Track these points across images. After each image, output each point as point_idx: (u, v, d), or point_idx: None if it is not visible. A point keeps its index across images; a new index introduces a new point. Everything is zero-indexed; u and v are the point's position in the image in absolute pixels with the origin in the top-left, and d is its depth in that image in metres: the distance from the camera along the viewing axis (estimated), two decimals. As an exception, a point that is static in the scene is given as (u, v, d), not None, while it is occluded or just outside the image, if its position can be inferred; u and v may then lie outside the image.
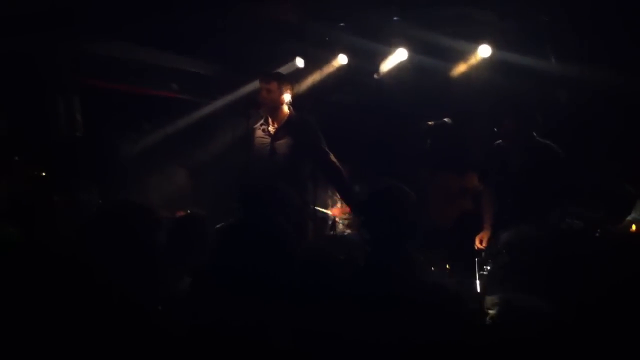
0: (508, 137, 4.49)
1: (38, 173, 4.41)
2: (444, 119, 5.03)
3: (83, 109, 5.70)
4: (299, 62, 6.50)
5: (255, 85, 5.02)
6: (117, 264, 2.23)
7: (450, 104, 5.78)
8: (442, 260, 4.97)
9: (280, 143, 4.74)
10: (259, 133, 4.82)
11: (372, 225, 2.64)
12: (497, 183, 4.66)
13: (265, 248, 2.17)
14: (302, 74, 6.58)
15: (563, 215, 4.28)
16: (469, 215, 5.50)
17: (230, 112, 6.15)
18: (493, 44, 5.81)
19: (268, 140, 4.77)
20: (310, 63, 6.58)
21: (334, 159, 4.77)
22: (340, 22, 5.87)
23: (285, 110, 4.80)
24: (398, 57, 6.24)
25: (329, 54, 6.52)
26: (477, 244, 4.54)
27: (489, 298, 4.28)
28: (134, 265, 2.28)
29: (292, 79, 5.14)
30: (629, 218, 4.55)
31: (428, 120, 5.04)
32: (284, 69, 6.21)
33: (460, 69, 6.10)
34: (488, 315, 4.21)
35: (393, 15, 5.67)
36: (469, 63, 6.02)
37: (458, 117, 5.18)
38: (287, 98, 4.78)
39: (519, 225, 4.21)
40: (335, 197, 6.39)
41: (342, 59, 6.49)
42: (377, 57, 6.37)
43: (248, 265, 2.12)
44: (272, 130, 4.79)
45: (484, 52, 5.86)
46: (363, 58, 6.41)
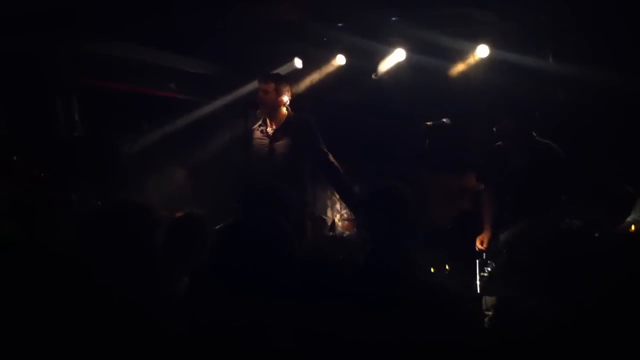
0: (507, 136, 4.48)
1: (38, 173, 4.41)
2: (443, 119, 5.03)
3: (82, 109, 5.69)
4: (298, 62, 6.49)
5: (254, 86, 5.02)
6: (116, 264, 2.23)
7: (449, 104, 5.78)
8: (441, 261, 4.97)
9: (279, 144, 4.73)
10: (258, 134, 4.82)
11: (371, 225, 2.64)
12: (497, 183, 4.66)
13: (265, 248, 2.16)
14: (300, 75, 6.57)
15: (563, 216, 4.27)
16: (469, 215, 5.50)
17: (230, 112, 6.15)
18: (492, 44, 5.81)
19: (267, 142, 4.77)
20: (309, 63, 6.57)
21: (333, 160, 4.77)
22: (339, 22, 5.87)
23: (284, 111, 4.80)
24: (397, 57, 6.24)
25: (328, 54, 6.51)
26: (477, 245, 4.54)
27: (489, 299, 4.30)
28: (133, 265, 2.28)
29: (290, 80, 5.13)
30: (629, 219, 4.55)
31: (427, 121, 5.04)
32: (283, 70, 6.20)
33: (459, 69, 6.10)
34: (487, 316, 4.22)
35: (392, 16, 5.66)
36: (468, 63, 6.02)
37: (457, 117, 5.18)
38: (285, 99, 4.77)
39: (519, 225, 4.23)
40: (335, 197, 6.39)
41: (340, 59, 6.49)
42: (375, 57, 6.37)
43: (248, 265, 2.11)
44: (270, 132, 4.79)
45: (483, 52, 5.87)
46: (362, 58, 6.40)
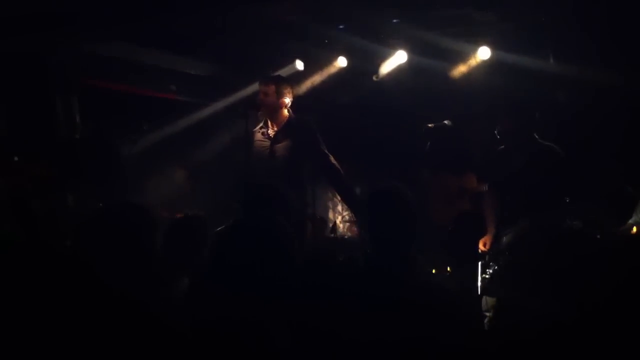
0: (507, 136, 4.47)
1: (38, 173, 4.40)
2: (444, 121, 5.02)
3: (83, 110, 5.69)
4: (299, 64, 6.49)
5: (255, 88, 5.01)
6: (116, 264, 2.23)
7: (450, 106, 5.78)
8: (443, 262, 4.96)
9: (280, 146, 4.72)
10: (259, 136, 4.81)
11: (371, 226, 2.63)
12: (498, 184, 4.65)
13: (265, 248, 2.16)
14: (302, 76, 6.57)
15: (564, 217, 4.26)
16: (469, 216, 5.49)
17: (230, 114, 6.15)
18: (492, 45, 5.81)
19: (267, 144, 4.75)
20: (310, 65, 6.57)
21: (334, 161, 4.76)
22: (340, 24, 5.87)
23: (285, 113, 4.79)
24: (398, 59, 6.24)
25: (329, 56, 6.52)
26: (480, 247, 4.52)
27: (489, 299, 4.29)
28: (133, 266, 2.27)
29: (291, 82, 5.13)
30: (631, 221, 4.54)
31: (428, 122, 5.04)
32: (284, 71, 6.20)
33: (460, 70, 6.10)
34: (488, 317, 4.22)
35: (393, 17, 5.66)
36: (469, 64, 6.02)
37: (458, 118, 5.17)
38: (286, 101, 4.76)
39: (520, 226, 4.22)
40: (336, 199, 6.39)
41: (341, 61, 6.49)
42: (377, 59, 6.37)
43: (247, 266, 2.11)
44: (271, 133, 4.77)
45: (484, 53, 5.86)
46: (363, 60, 6.40)
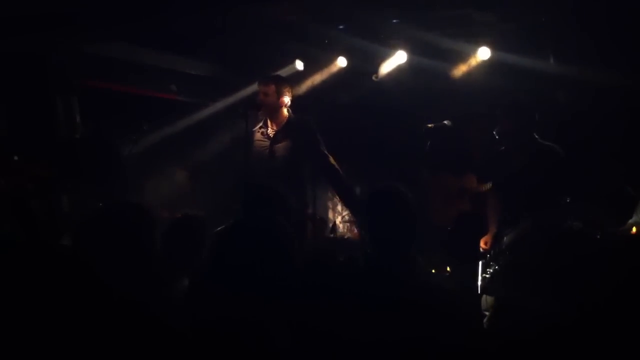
0: (506, 137, 4.47)
1: (38, 173, 4.40)
2: (444, 121, 5.02)
3: (83, 109, 5.69)
4: (299, 64, 6.49)
5: (255, 88, 5.01)
6: (116, 264, 2.23)
7: (450, 106, 5.77)
8: (443, 262, 4.97)
9: (280, 146, 4.72)
10: (258, 136, 4.81)
11: (371, 226, 2.63)
12: (499, 184, 4.65)
13: (265, 248, 2.16)
14: (302, 76, 6.57)
15: (564, 217, 4.26)
16: (469, 216, 5.49)
17: (230, 114, 6.14)
18: (493, 46, 5.80)
19: (267, 144, 4.75)
20: (310, 65, 6.57)
21: (334, 162, 4.75)
22: (340, 24, 5.86)
23: (285, 113, 4.79)
24: (398, 59, 6.24)
25: (329, 56, 6.51)
26: (481, 245, 4.53)
27: (489, 298, 4.29)
28: (133, 266, 2.28)
29: (291, 82, 5.13)
30: (631, 221, 4.54)
31: (428, 122, 5.04)
32: (284, 71, 6.19)
33: (460, 71, 6.10)
34: (487, 317, 4.21)
35: (393, 18, 5.66)
36: (469, 64, 6.02)
37: (458, 119, 5.17)
38: (286, 100, 4.76)
39: (521, 226, 4.22)
40: (336, 199, 6.39)
41: (341, 62, 6.49)
42: (376, 59, 6.36)
43: (247, 266, 2.11)
44: (271, 133, 4.77)
45: (484, 54, 5.86)
46: (363, 60, 6.40)
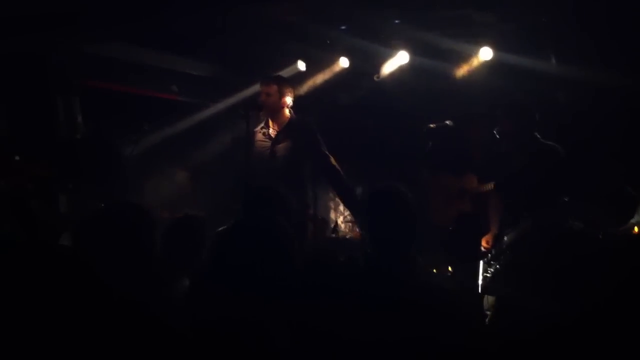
0: (507, 137, 4.46)
1: (38, 173, 4.40)
2: (446, 121, 5.01)
3: (83, 110, 5.69)
4: (301, 65, 6.48)
5: (256, 88, 5.01)
6: (116, 265, 2.23)
7: (452, 106, 5.77)
8: (443, 262, 4.96)
9: (281, 146, 4.72)
10: (260, 136, 4.80)
11: (371, 226, 2.63)
12: (500, 184, 4.65)
13: (265, 248, 2.16)
14: (303, 77, 6.56)
15: (565, 217, 4.26)
16: (470, 217, 5.49)
17: (231, 114, 6.14)
18: (493, 46, 5.79)
19: (268, 144, 4.75)
20: (312, 66, 6.56)
21: (334, 162, 4.75)
22: (342, 24, 5.86)
23: (286, 114, 4.79)
24: (399, 59, 6.23)
25: (330, 57, 6.51)
26: (483, 244, 4.52)
27: (490, 298, 4.28)
28: (133, 266, 2.27)
29: (293, 82, 5.13)
30: (632, 221, 4.54)
31: (429, 123, 5.03)
32: (286, 72, 6.18)
33: (462, 71, 6.09)
34: (488, 317, 4.21)
35: (394, 18, 5.65)
36: (470, 65, 6.01)
37: (459, 119, 5.16)
38: (288, 101, 4.76)
39: (522, 226, 4.21)
40: (337, 199, 6.38)
41: (343, 62, 6.48)
42: (378, 59, 6.36)
43: (248, 266, 2.11)
44: (272, 134, 4.77)
45: (485, 54, 5.85)
46: (364, 61, 6.39)
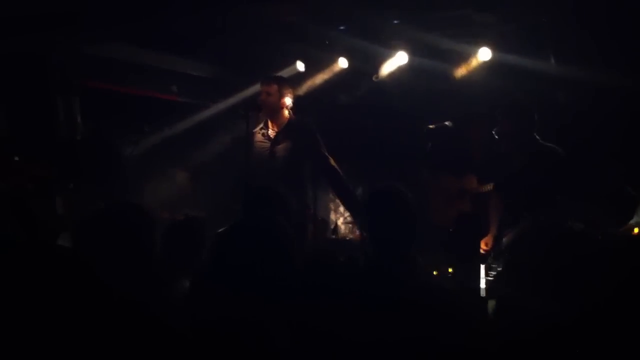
0: (507, 137, 4.46)
1: (38, 173, 4.40)
2: (445, 122, 5.02)
3: (83, 110, 5.70)
4: (300, 65, 6.49)
5: (256, 89, 5.01)
6: (116, 265, 2.22)
7: (451, 107, 5.77)
8: (443, 262, 4.95)
9: (280, 147, 4.72)
10: (259, 137, 4.80)
11: (371, 226, 2.63)
12: (500, 185, 4.66)
13: (265, 248, 2.16)
14: (302, 77, 6.57)
15: (565, 217, 4.26)
16: (470, 217, 5.49)
17: (230, 115, 6.15)
18: (493, 46, 5.80)
19: (268, 145, 4.75)
20: (311, 66, 6.56)
21: (334, 163, 4.75)
22: (341, 25, 5.86)
23: (286, 114, 4.79)
24: (398, 59, 6.24)
25: (330, 57, 6.51)
26: (482, 247, 4.53)
27: (490, 300, 4.27)
28: (133, 266, 2.27)
29: (292, 82, 5.12)
30: (632, 221, 4.54)
31: (429, 123, 5.04)
32: (285, 72, 6.18)
33: (462, 72, 6.09)
34: (489, 318, 4.20)
35: (393, 19, 5.66)
36: (469, 65, 6.01)
37: (459, 119, 5.16)
38: (287, 101, 4.76)
39: (521, 227, 4.21)
40: (337, 200, 6.38)
41: (342, 62, 6.48)
42: (377, 59, 6.36)
43: (248, 266, 2.11)
44: (272, 134, 4.77)
45: (485, 54, 5.86)
46: (363, 61, 6.40)
